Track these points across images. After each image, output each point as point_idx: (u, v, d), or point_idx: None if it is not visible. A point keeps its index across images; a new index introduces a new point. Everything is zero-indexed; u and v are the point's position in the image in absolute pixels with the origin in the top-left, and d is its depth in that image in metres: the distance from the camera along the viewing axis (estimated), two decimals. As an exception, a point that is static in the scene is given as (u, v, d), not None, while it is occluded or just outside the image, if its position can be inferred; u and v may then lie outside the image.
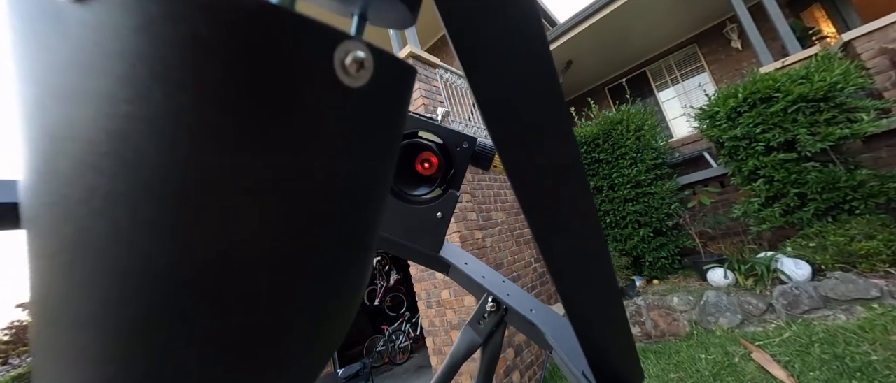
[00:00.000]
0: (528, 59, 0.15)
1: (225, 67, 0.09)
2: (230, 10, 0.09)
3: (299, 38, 0.10)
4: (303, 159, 0.10)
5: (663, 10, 5.00)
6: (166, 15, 0.08)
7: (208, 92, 0.09)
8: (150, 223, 0.09)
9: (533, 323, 0.39)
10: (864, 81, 2.83)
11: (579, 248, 0.22)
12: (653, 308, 3.09)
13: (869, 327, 2.11)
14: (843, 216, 2.71)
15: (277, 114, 0.10)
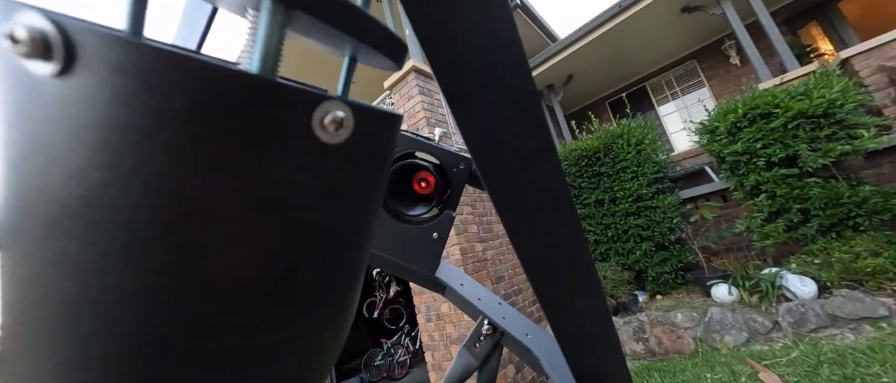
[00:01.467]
0: (514, 100, 0.15)
1: (197, 135, 0.09)
2: (204, 80, 0.09)
3: (276, 103, 0.10)
4: (280, 215, 0.11)
5: (662, 27, 5.09)
6: (141, 87, 0.08)
7: (182, 157, 0.09)
8: (118, 288, 0.09)
9: (529, 349, 0.39)
10: (863, 98, 2.85)
11: (570, 284, 0.22)
12: (656, 324, 3.03)
13: (879, 347, 2.06)
14: (847, 232, 2.68)
15: (252, 175, 0.10)
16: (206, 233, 0.09)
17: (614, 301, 3.46)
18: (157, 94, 0.08)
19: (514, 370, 2.94)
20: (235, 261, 0.10)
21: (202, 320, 0.10)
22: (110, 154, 0.09)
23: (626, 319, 3.20)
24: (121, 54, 0.08)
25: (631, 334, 3.10)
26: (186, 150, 0.09)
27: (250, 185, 0.10)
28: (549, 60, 5.37)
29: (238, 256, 0.10)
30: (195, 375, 0.10)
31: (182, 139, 0.09)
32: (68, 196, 0.09)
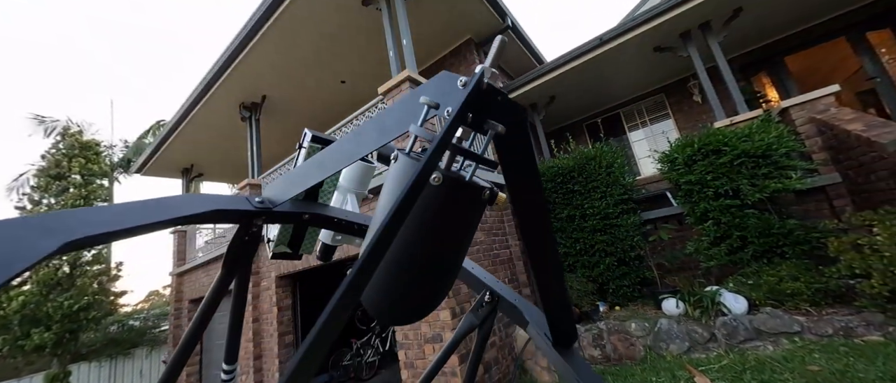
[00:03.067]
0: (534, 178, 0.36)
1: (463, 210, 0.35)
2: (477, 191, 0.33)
3: (476, 192, 0.33)
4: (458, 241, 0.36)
5: (637, 62, 5.57)
6: (462, 195, 0.33)
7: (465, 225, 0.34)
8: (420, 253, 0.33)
9: (515, 306, 0.57)
10: (794, 144, 3.31)
11: (553, 264, 0.41)
12: (613, 332, 3.33)
13: (790, 358, 2.42)
14: (776, 259, 3.10)
15: (470, 224, 0.34)
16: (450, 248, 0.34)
17: (578, 310, 3.74)
18: (468, 195, 0.32)
19: (483, 370, 3.12)
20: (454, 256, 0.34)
21: (435, 267, 0.32)
22: (436, 217, 0.32)
23: (587, 327, 3.48)
24: (455, 182, 0.31)
25: (590, 340, 3.37)
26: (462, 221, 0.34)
27: (469, 226, 0.34)
28: (535, 81, 5.71)
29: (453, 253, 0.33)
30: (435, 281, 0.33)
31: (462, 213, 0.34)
32: (410, 237, 0.31)
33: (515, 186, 0.35)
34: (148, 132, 13.34)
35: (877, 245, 2.40)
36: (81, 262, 9.02)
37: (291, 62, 5.42)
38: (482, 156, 0.35)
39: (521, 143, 0.33)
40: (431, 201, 0.33)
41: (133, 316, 12.44)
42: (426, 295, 0.38)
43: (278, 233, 0.62)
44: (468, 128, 0.32)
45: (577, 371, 0.44)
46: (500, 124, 0.31)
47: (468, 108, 0.29)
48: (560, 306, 0.48)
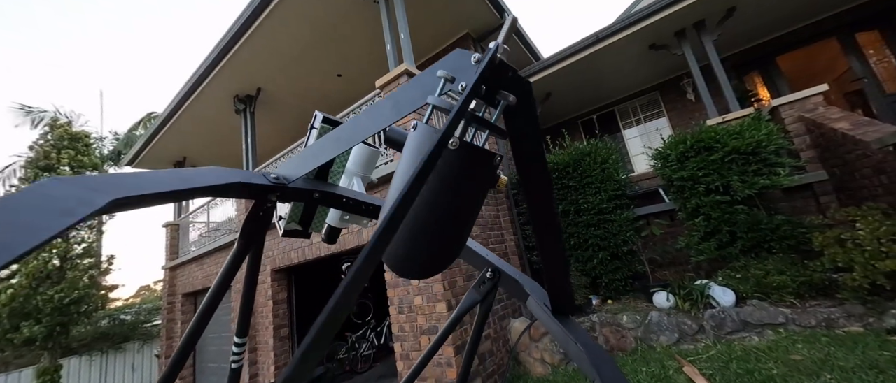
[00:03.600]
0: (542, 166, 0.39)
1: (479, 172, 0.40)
2: (477, 154, 0.37)
3: (488, 157, 0.37)
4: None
5: (632, 60, 5.63)
6: (474, 161, 0.37)
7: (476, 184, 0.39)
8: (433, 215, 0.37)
9: (516, 280, 0.60)
10: (783, 143, 3.39)
11: (556, 237, 0.44)
12: (605, 325, 3.40)
13: (774, 348, 2.50)
14: (763, 253, 3.19)
15: (481, 188, 0.39)
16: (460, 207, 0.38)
17: (571, 303, 3.80)
18: (482, 162, 0.37)
19: (478, 361, 3.18)
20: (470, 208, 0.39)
21: (453, 223, 0.38)
22: (456, 178, 0.37)
23: (580, 319, 3.55)
24: (471, 148, 0.35)
25: (570, 272, 3.44)
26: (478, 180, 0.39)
27: (483, 187, 0.39)
28: (532, 77, 5.73)
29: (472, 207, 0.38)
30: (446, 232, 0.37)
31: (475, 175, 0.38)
32: (437, 182, 0.35)
33: (523, 156, 0.38)
34: (139, 124, 13.12)
35: (859, 239, 2.48)
36: (72, 255, 8.90)
37: (287, 54, 5.38)
38: (494, 124, 0.38)
39: (528, 115, 0.35)
40: (450, 164, 0.36)
41: (124, 310, 12.31)
42: (445, 249, 0.42)
43: (289, 211, 0.64)
44: (480, 101, 0.34)
45: (575, 336, 0.47)
46: (511, 95, 0.34)
47: (483, 81, 0.32)
48: (562, 278, 0.51)
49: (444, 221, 0.39)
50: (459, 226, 0.41)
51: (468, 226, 0.42)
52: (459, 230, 0.41)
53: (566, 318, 0.52)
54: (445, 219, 0.39)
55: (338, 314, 0.29)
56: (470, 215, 0.41)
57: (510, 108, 0.35)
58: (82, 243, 9.27)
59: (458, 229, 0.41)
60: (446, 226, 0.39)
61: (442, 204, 0.38)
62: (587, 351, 0.43)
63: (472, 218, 0.42)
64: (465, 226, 0.41)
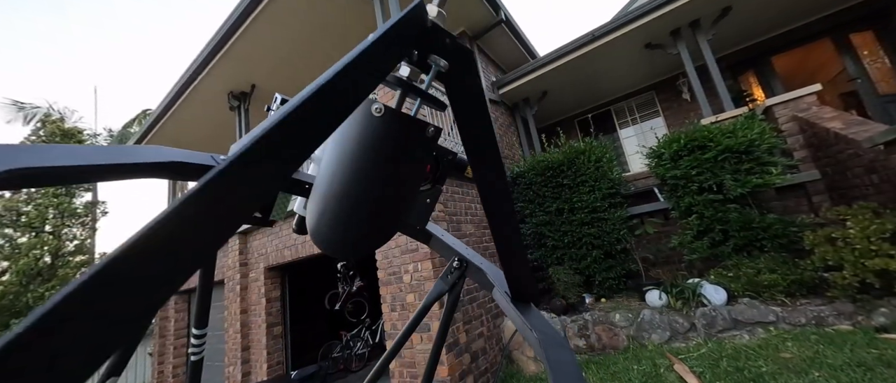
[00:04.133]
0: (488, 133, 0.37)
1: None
2: (402, 120, 0.34)
3: (418, 126, 0.34)
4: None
5: (628, 59, 5.63)
6: (402, 128, 0.34)
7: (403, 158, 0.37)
8: (364, 189, 0.36)
9: (481, 269, 0.58)
10: (776, 141, 3.40)
11: (508, 218, 0.43)
12: (598, 323, 3.40)
13: (765, 346, 2.51)
14: (755, 252, 3.19)
15: (416, 160, 0.37)
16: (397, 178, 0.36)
17: (565, 301, 3.80)
18: (411, 131, 0.35)
19: (470, 359, 3.17)
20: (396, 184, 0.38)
21: (382, 198, 0.36)
22: (381, 147, 0.34)
23: (573, 318, 3.55)
24: (396, 115, 0.33)
25: (576, 331, 3.44)
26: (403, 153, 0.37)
27: (407, 160, 0.37)
28: (527, 75, 5.73)
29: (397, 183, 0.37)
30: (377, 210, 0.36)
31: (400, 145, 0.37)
32: (359, 152, 0.34)
33: (467, 129, 0.36)
34: (133, 121, 13.01)
35: (849, 238, 2.49)
36: (64, 252, 8.81)
37: (282, 51, 5.33)
38: (426, 92, 0.36)
39: (469, 85, 0.34)
40: (375, 132, 0.34)
41: (118, 308, 12.18)
42: (376, 225, 0.40)
43: None
44: (415, 69, 0.32)
45: (531, 323, 0.45)
46: (443, 59, 0.32)
47: (405, 40, 0.30)
48: (516, 263, 0.49)
49: (369, 196, 0.37)
50: (388, 203, 0.39)
51: (404, 206, 0.40)
52: (389, 208, 0.39)
53: (525, 305, 0.51)
54: (371, 193, 0.37)
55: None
56: (403, 193, 0.39)
57: (449, 77, 0.33)
58: (74, 240, 9.18)
59: (387, 207, 0.39)
60: (372, 201, 0.37)
61: (366, 176, 0.36)
62: (541, 337, 0.42)
63: (409, 196, 0.40)
64: (396, 204, 0.40)
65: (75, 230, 9.25)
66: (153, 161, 0.36)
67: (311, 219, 0.40)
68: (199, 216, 0.19)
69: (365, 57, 0.26)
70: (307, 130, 0.24)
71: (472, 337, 3.31)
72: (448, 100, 0.35)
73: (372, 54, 0.27)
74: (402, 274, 3.28)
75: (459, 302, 2.96)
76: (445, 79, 0.33)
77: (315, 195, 0.41)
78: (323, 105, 0.24)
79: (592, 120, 7.33)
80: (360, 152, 0.35)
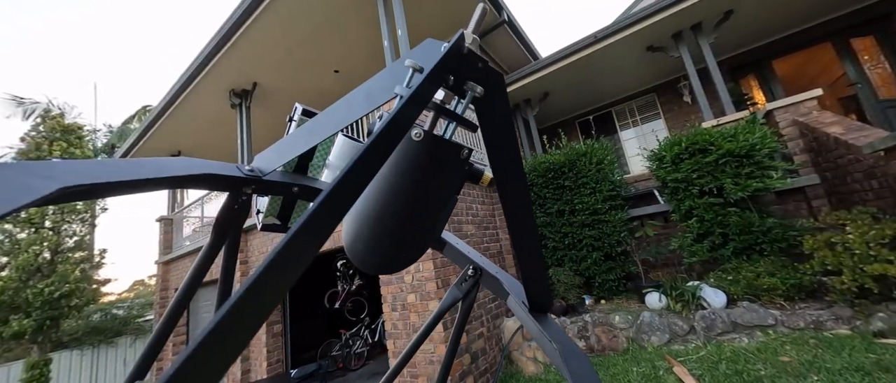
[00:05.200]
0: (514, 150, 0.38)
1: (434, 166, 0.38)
2: (437, 143, 0.36)
3: (455, 150, 0.36)
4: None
5: (630, 61, 5.64)
6: (440, 151, 0.36)
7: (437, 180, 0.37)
8: (385, 224, 0.37)
9: (497, 278, 0.60)
10: (776, 145, 3.41)
11: (530, 232, 0.44)
12: (598, 324, 3.41)
13: (764, 349, 2.53)
14: (755, 255, 3.21)
15: (450, 181, 0.38)
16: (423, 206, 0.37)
17: (565, 302, 3.82)
18: (448, 153, 0.37)
19: (470, 359, 3.18)
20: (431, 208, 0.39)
21: (418, 217, 0.38)
22: (421, 169, 0.36)
23: (573, 319, 3.56)
24: (436, 139, 0.34)
25: (575, 332, 3.46)
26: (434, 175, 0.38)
27: (445, 184, 0.38)
28: (529, 76, 5.73)
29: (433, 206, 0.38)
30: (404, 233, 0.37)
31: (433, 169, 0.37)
32: (397, 175, 0.35)
33: (495, 152, 0.38)
34: (133, 117, 12.99)
35: (848, 243, 2.51)
36: (63, 249, 8.80)
37: (284, 49, 5.33)
38: (461, 116, 0.37)
39: (499, 108, 0.35)
40: (412, 155, 0.35)
41: (117, 304, 12.21)
42: (414, 243, 0.41)
43: (268, 205, 0.63)
44: (450, 92, 0.33)
45: (550, 334, 0.46)
46: (479, 86, 0.33)
47: (447, 69, 0.31)
48: (536, 273, 0.51)
49: (407, 215, 0.38)
50: (425, 220, 0.40)
51: (437, 222, 0.41)
52: (425, 225, 0.40)
53: (543, 316, 0.52)
54: (409, 212, 0.38)
55: (260, 294, 0.23)
56: (437, 210, 0.40)
57: (481, 100, 0.34)
58: (74, 236, 9.17)
59: (424, 224, 0.40)
60: (409, 220, 0.38)
61: (404, 197, 0.37)
62: (560, 348, 0.43)
63: (441, 213, 0.41)
64: (432, 221, 0.41)
65: (75, 226, 9.23)
66: (185, 173, 0.37)
67: (347, 239, 0.41)
68: (303, 239, 0.24)
69: (420, 90, 0.29)
70: (372, 167, 0.28)
71: (472, 337, 3.32)
72: (478, 120, 0.36)
73: (424, 87, 0.29)
74: (403, 274, 3.29)
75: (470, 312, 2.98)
76: (476, 101, 0.34)
77: (350, 215, 0.41)
78: (386, 142, 0.27)
79: (593, 121, 7.34)
80: (400, 176, 0.36)
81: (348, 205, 0.26)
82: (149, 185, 0.33)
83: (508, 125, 0.36)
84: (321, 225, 0.25)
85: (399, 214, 0.38)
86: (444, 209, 0.42)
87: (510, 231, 0.46)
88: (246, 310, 0.23)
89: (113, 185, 0.29)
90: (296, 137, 0.50)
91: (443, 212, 0.42)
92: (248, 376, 5.01)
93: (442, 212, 0.42)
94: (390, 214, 0.38)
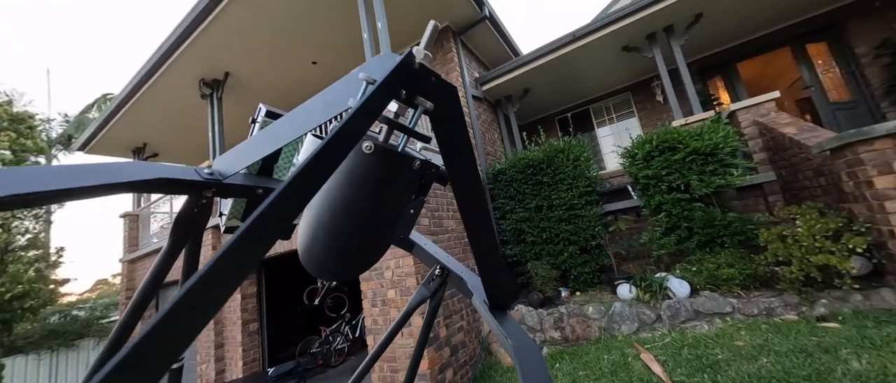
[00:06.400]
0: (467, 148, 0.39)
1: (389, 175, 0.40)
2: (388, 154, 0.36)
3: (404, 160, 0.37)
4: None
5: (606, 60, 5.80)
6: (392, 162, 0.37)
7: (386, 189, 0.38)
8: (341, 233, 0.37)
9: (462, 278, 0.61)
10: (737, 144, 3.62)
11: (486, 235, 0.45)
12: (573, 315, 3.55)
13: (721, 335, 2.71)
14: (716, 248, 3.41)
15: (404, 191, 0.39)
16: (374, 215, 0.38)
17: (542, 295, 3.94)
18: (400, 165, 0.38)
19: (450, 352, 3.23)
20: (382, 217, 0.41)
21: (370, 226, 0.39)
22: (372, 182, 0.38)
23: (549, 311, 3.68)
24: (387, 152, 0.35)
25: (552, 323, 3.58)
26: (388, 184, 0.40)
27: (394, 191, 0.39)
28: (510, 73, 5.79)
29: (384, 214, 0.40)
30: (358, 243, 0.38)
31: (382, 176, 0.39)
32: (348, 186, 0.36)
33: (450, 161, 0.39)
34: (93, 106, 12.12)
35: (797, 236, 2.72)
36: (14, 247, 8.17)
37: (258, 38, 5.12)
38: (412, 129, 0.38)
39: (453, 121, 0.36)
40: (367, 168, 0.36)
41: (77, 305, 11.49)
42: (368, 249, 0.42)
43: (231, 207, 0.62)
44: (404, 105, 0.34)
45: (507, 330, 0.48)
46: (429, 101, 0.34)
47: (398, 82, 0.32)
48: (495, 275, 0.53)
49: (360, 224, 0.39)
50: (379, 228, 0.41)
51: (392, 227, 0.42)
52: (379, 232, 0.41)
53: (502, 313, 0.54)
54: (361, 221, 0.39)
55: (201, 294, 0.23)
56: (391, 217, 0.42)
57: (435, 112, 0.35)
58: (26, 234, 8.53)
59: (378, 232, 0.41)
60: (362, 228, 0.39)
61: (356, 207, 0.38)
62: (515, 343, 0.45)
63: (397, 219, 0.42)
64: (386, 228, 0.42)
65: (27, 223, 8.58)
66: (139, 178, 0.36)
67: (302, 246, 0.42)
68: (246, 245, 0.24)
69: (368, 103, 0.29)
70: (320, 175, 0.28)
71: (452, 331, 3.37)
72: (433, 130, 0.38)
73: (373, 100, 0.30)
74: (383, 270, 3.29)
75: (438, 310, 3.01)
76: (430, 113, 0.35)
77: (305, 224, 0.42)
78: (333, 152, 0.27)
79: (572, 118, 7.52)
80: (351, 187, 0.37)
81: (293, 212, 0.27)
82: (98, 192, 0.32)
83: (463, 134, 0.37)
84: (265, 229, 0.25)
85: (352, 222, 0.39)
86: (400, 216, 0.43)
87: (468, 233, 0.47)
88: (196, 303, 0.23)
89: (57, 193, 0.28)
90: (257, 141, 0.49)
91: (399, 218, 0.43)
92: (223, 376, 4.88)
93: (398, 219, 0.43)
94: (343, 223, 0.38)
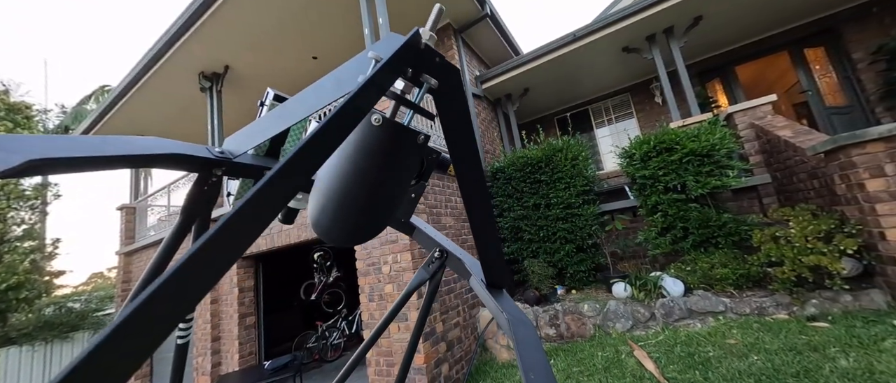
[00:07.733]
0: (469, 136, 0.41)
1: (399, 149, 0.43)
2: (397, 128, 0.39)
3: (409, 134, 0.39)
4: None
5: (606, 61, 5.82)
6: (397, 136, 0.40)
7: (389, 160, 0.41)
8: (352, 198, 0.40)
9: (460, 259, 0.64)
10: (734, 146, 3.66)
11: (485, 214, 0.47)
12: (568, 313, 3.58)
13: (714, 333, 2.75)
14: (711, 248, 3.46)
15: (408, 163, 0.42)
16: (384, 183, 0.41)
17: (538, 292, 3.97)
18: (405, 138, 0.40)
19: (446, 347, 3.26)
20: (387, 187, 0.44)
21: (377, 195, 0.41)
22: (380, 152, 0.40)
23: (545, 308, 3.72)
24: (394, 125, 0.37)
25: (547, 320, 3.61)
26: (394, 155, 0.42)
27: (397, 167, 0.41)
28: (510, 72, 5.80)
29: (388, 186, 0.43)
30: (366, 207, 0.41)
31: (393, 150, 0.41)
32: (359, 156, 0.39)
33: (452, 139, 0.41)
34: (90, 97, 12.05)
35: (790, 237, 2.76)
36: (10, 238, 8.13)
37: (259, 32, 5.11)
38: (418, 105, 0.41)
39: (456, 100, 0.38)
40: (375, 139, 0.38)
41: (73, 297, 11.44)
42: (372, 219, 0.46)
43: (238, 187, 0.64)
44: (409, 83, 0.37)
45: (502, 306, 0.51)
46: (433, 78, 0.36)
47: (404, 61, 0.34)
48: (492, 253, 0.55)
49: (368, 191, 0.41)
50: (384, 197, 0.43)
51: (396, 199, 0.45)
52: (384, 202, 0.44)
53: (499, 291, 0.57)
54: (369, 189, 0.41)
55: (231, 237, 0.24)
56: (395, 188, 0.44)
57: (438, 91, 0.37)
58: (22, 225, 8.48)
59: (383, 201, 0.44)
60: (370, 196, 0.42)
61: (365, 175, 0.40)
62: (509, 317, 0.48)
63: (401, 193, 0.45)
64: (390, 198, 0.44)
65: (23, 213, 8.53)
66: (154, 152, 0.38)
67: (312, 212, 0.44)
68: (253, 213, 0.25)
69: (376, 78, 0.31)
70: (330, 142, 0.30)
71: (448, 326, 3.40)
72: (437, 109, 0.40)
73: (380, 76, 0.32)
74: (381, 265, 3.31)
75: (437, 293, 3.05)
76: (434, 92, 0.37)
77: (316, 191, 0.44)
78: (342, 121, 0.29)
79: (571, 118, 7.55)
80: (361, 157, 0.39)
81: (303, 177, 0.28)
82: (116, 163, 0.34)
83: (464, 113, 0.40)
84: (274, 193, 0.26)
85: (361, 189, 0.41)
86: (403, 190, 0.45)
87: (468, 213, 0.49)
88: (195, 273, 0.24)
89: (80, 161, 0.30)
90: (267, 121, 0.51)
91: (402, 192, 0.45)
92: (219, 369, 4.89)
93: (401, 193, 0.45)
94: (352, 192, 0.41)
